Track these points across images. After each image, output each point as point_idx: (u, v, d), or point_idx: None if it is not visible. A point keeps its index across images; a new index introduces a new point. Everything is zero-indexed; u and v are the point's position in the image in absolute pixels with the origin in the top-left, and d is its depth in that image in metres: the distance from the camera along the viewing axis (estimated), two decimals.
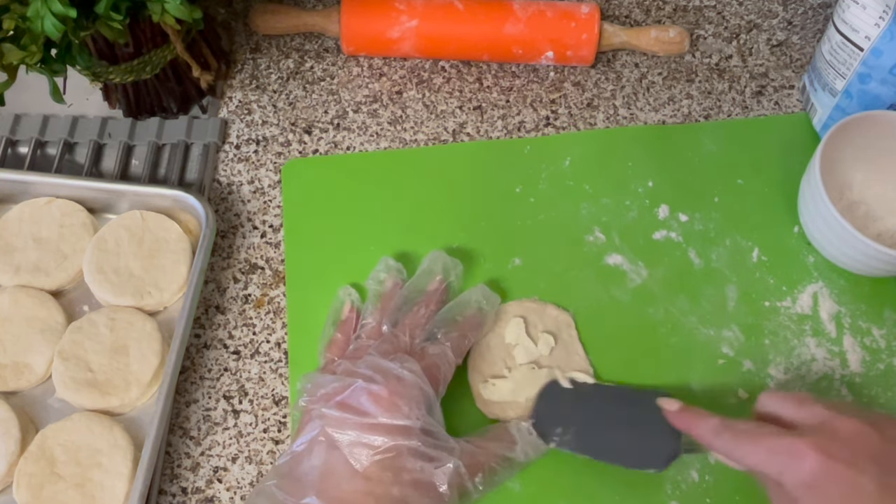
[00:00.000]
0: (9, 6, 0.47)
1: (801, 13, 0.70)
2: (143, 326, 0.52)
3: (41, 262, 0.54)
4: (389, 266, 0.53)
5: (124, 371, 0.50)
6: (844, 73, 0.57)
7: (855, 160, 0.56)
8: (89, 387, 0.50)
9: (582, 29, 0.63)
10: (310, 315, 0.54)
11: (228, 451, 0.50)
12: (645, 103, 0.65)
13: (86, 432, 0.48)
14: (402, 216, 0.58)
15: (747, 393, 0.52)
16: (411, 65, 0.66)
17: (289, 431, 0.51)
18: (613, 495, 0.49)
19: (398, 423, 0.42)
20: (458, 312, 0.51)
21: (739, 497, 0.49)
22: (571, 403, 0.49)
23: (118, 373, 0.50)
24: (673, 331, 0.54)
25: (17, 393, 0.52)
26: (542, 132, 0.63)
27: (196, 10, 0.52)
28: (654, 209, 0.59)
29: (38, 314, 0.53)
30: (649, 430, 0.47)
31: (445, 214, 0.58)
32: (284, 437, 0.51)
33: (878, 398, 0.52)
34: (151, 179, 0.60)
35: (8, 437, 0.48)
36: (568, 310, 0.54)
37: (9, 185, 0.57)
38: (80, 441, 0.48)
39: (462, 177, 0.60)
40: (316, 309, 0.53)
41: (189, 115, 0.63)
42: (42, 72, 0.52)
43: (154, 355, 0.51)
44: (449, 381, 0.48)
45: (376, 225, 0.58)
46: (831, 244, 0.54)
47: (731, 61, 0.67)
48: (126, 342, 0.51)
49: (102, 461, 0.48)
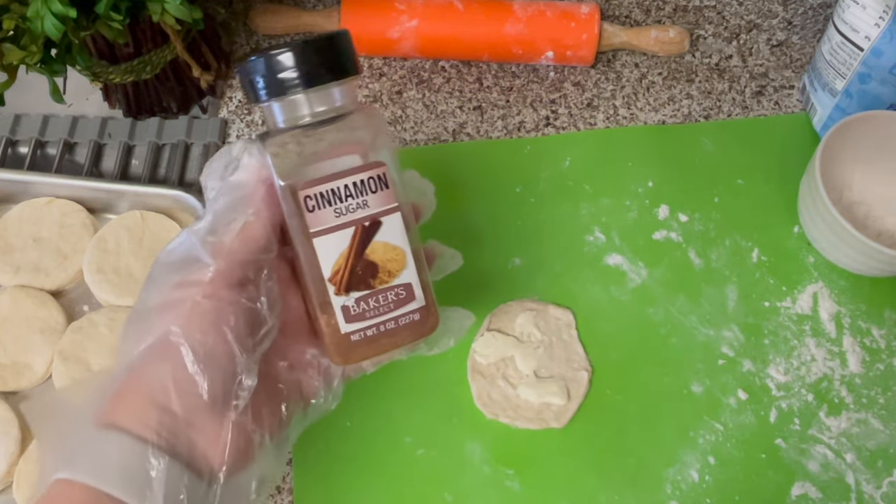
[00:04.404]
0: (9, 6, 0.47)
1: (801, 13, 0.70)
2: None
3: (41, 262, 0.54)
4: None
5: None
6: (844, 73, 0.57)
7: (855, 160, 0.56)
8: None
9: (582, 29, 0.63)
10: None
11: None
12: (645, 103, 0.65)
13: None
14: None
15: (747, 393, 0.52)
16: (411, 65, 0.66)
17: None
18: (613, 495, 0.49)
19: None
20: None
21: (739, 497, 0.49)
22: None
23: None
24: (673, 331, 0.54)
25: (17, 393, 0.52)
26: (542, 132, 0.63)
27: (196, 10, 0.52)
28: (654, 209, 0.59)
29: (38, 314, 0.53)
30: None
31: (445, 214, 0.58)
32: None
33: (877, 398, 0.52)
34: (151, 179, 0.60)
35: (8, 437, 0.48)
36: (568, 309, 0.54)
37: (9, 185, 0.57)
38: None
39: (462, 177, 0.60)
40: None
41: (189, 115, 0.63)
42: (42, 72, 0.52)
43: None
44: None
45: None
46: (831, 244, 0.54)
47: (731, 61, 0.67)
48: None
49: None
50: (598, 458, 0.50)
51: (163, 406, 0.32)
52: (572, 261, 0.57)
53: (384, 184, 0.36)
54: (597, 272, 0.56)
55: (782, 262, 0.57)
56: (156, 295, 0.34)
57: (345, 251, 0.36)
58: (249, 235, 0.34)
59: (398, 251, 0.37)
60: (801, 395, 0.52)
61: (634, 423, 0.51)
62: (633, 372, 0.53)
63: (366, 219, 0.36)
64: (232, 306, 0.34)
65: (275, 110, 0.36)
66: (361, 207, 0.36)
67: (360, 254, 0.36)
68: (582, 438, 0.51)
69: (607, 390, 0.52)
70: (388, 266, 0.37)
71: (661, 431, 0.51)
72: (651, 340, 0.54)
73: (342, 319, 0.36)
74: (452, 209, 0.59)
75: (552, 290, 0.55)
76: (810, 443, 0.51)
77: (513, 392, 0.51)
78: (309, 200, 0.35)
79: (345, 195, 0.36)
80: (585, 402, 0.52)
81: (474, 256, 0.57)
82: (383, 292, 0.37)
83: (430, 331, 0.38)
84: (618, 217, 0.58)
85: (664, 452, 0.50)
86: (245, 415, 0.34)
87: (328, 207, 0.35)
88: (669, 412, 0.51)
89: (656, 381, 0.52)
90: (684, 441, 0.50)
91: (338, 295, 0.36)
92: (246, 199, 0.35)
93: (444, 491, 0.49)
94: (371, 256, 0.36)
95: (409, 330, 0.37)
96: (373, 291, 0.36)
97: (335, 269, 0.36)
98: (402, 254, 0.37)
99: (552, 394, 0.51)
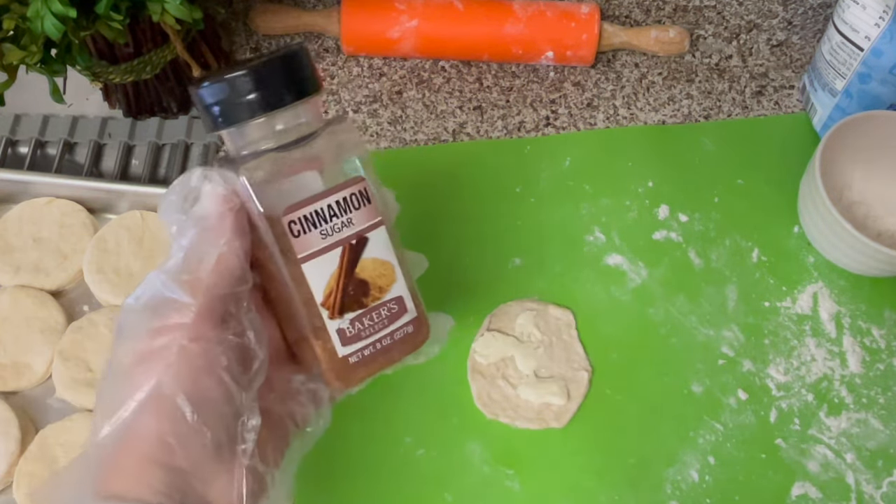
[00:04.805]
0: (9, 6, 0.47)
1: (801, 13, 0.70)
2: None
3: (41, 262, 0.54)
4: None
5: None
6: (844, 73, 0.57)
7: (855, 160, 0.56)
8: (89, 387, 0.50)
9: (582, 29, 0.63)
10: None
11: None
12: (645, 103, 0.65)
13: (86, 432, 0.48)
14: (402, 216, 0.58)
15: (747, 393, 0.52)
16: (411, 65, 0.66)
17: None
18: (613, 495, 0.49)
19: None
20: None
21: (739, 497, 0.49)
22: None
23: None
24: (673, 331, 0.54)
25: (17, 393, 0.52)
26: (542, 132, 0.63)
27: (196, 10, 0.52)
28: (654, 209, 0.59)
29: (38, 314, 0.53)
30: None
31: (445, 214, 0.58)
32: None
33: (877, 398, 0.52)
34: (151, 179, 0.60)
35: (8, 437, 0.48)
36: (568, 309, 0.54)
37: (9, 185, 0.57)
38: (80, 441, 0.48)
39: (462, 177, 0.60)
40: None
41: (189, 115, 0.63)
42: (42, 72, 0.52)
43: None
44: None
45: None
46: (831, 244, 0.54)
47: (731, 61, 0.67)
48: None
49: None
50: (598, 458, 0.50)
51: (167, 465, 0.30)
52: (572, 261, 0.57)
53: (366, 199, 0.36)
54: (597, 272, 0.56)
55: (782, 262, 0.57)
56: (133, 346, 0.31)
57: (335, 273, 0.35)
58: (225, 267, 0.32)
59: (387, 265, 0.36)
60: (801, 395, 0.52)
61: (634, 423, 0.51)
62: (633, 372, 0.53)
63: (352, 237, 0.35)
64: (221, 345, 0.31)
65: (235, 136, 0.35)
66: (347, 226, 0.35)
67: (350, 273, 0.35)
68: (582, 438, 0.51)
69: (607, 390, 0.52)
70: (379, 282, 0.36)
71: (661, 431, 0.51)
72: (651, 340, 0.54)
73: (338, 343, 0.35)
74: (452, 209, 0.59)
75: (552, 290, 0.55)
76: (810, 443, 0.51)
77: (513, 392, 0.51)
78: (294, 225, 0.34)
79: (329, 215, 0.35)
80: (585, 402, 0.52)
81: (474, 256, 0.57)
82: (376, 309, 0.36)
83: (424, 340, 0.38)
84: (618, 217, 0.58)
85: (664, 452, 0.50)
86: (254, 457, 0.32)
87: (314, 230, 0.34)
88: (669, 412, 0.51)
89: (656, 381, 0.52)
90: (684, 441, 0.50)
91: (332, 318, 0.35)
92: (215, 229, 0.33)
93: (444, 491, 0.49)
94: (361, 274, 0.35)
95: (403, 343, 0.37)
96: (366, 310, 0.35)
97: (327, 292, 0.35)
98: (391, 267, 0.36)
99: (552, 394, 0.51)
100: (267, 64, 0.34)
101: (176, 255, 0.33)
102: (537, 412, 0.51)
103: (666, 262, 0.57)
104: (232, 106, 0.34)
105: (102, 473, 0.30)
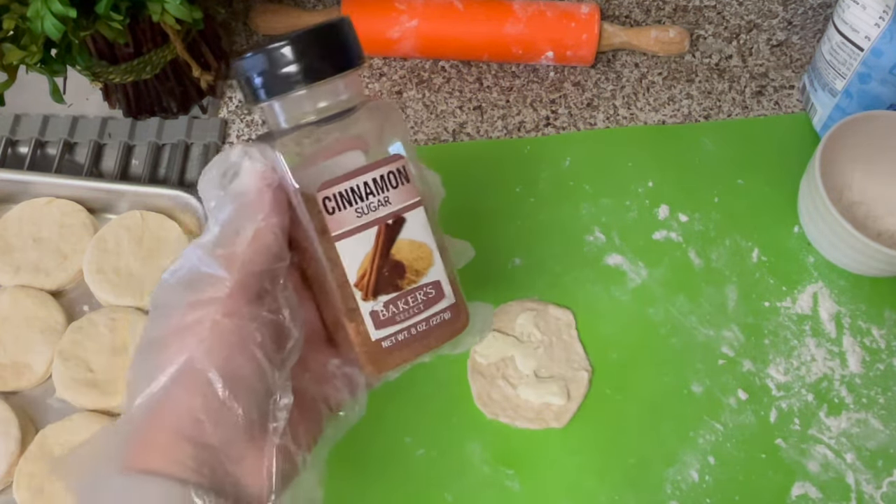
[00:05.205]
0: (9, 6, 0.47)
1: (801, 13, 0.70)
2: (143, 326, 0.52)
3: (41, 262, 0.54)
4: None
5: (124, 371, 0.50)
6: (844, 73, 0.57)
7: (855, 160, 0.56)
8: (89, 387, 0.50)
9: (582, 29, 0.63)
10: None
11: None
12: (645, 103, 0.65)
13: (86, 432, 0.48)
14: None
15: (747, 393, 0.52)
16: (411, 65, 0.66)
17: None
18: (613, 495, 0.49)
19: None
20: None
21: (739, 497, 0.49)
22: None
23: (118, 373, 0.50)
24: (673, 331, 0.54)
25: (17, 393, 0.52)
26: (542, 132, 0.63)
27: (196, 10, 0.52)
28: (654, 209, 0.59)
29: (38, 314, 0.53)
30: None
31: (445, 214, 0.58)
32: None
33: (877, 398, 0.52)
34: (151, 179, 0.60)
35: (8, 437, 0.48)
36: (568, 309, 0.54)
37: (9, 185, 0.57)
38: (80, 441, 0.48)
39: (462, 177, 0.60)
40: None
41: (189, 115, 0.63)
42: (42, 72, 0.52)
43: None
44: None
45: None
46: (831, 244, 0.54)
47: (731, 61, 0.67)
48: (126, 342, 0.51)
49: None
50: (598, 458, 0.50)
51: (197, 440, 0.29)
52: (572, 261, 0.57)
53: (405, 178, 0.34)
54: (597, 272, 0.56)
55: (782, 262, 0.57)
56: (166, 321, 0.31)
57: (369, 253, 0.33)
58: (262, 243, 0.32)
59: (424, 248, 0.35)
60: (801, 395, 0.52)
61: (634, 423, 0.51)
62: (633, 372, 0.53)
63: (389, 216, 0.34)
64: (255, 322, 0.31)
65: (276, 109, 0.34)
66: (383, 205, 0.34)
67: (385, 254, 0.34)
68: (582, 438, 0.51)
69: (607, 390, 0.52)
70: (415, 265, 0.35)
71: (661, 431, 0.51)
72: (651, 340, 0.54)
73: (371, 326, 0.34)
74: (452, 209, 0.58)
75: (552, 290, 0.55)
76: (810, 443, 0.51)
77: (513, 392, 0.51)
78: (328, 202, 0.33)
79: (365, 193, 0.33)
80: (585, 402, 0.52)
81: (474, 256, 0.57)
82: (412, 293, 0.34)
83: (462, 328, 0.36)
84: (618, 217, 0.58)
85: (664, 452, 0.50)
86: (286, 436, 0.31)
87: (349, 208, 0.33)
88: (669, 412, 0.51)
89: (656, 381, 0.52)
90: (684, 441, 0.51)
91: (365, 300, 0.34)
92: (253, 205, 0.32)
93: (444, 491, 0.49)
94: (397, 256, 0.34)
95: (441, 330, 0.35)
96: (401, 293, 0.34)
97: (360, 272, 0.33)
98: (429, 251, 0.35)
99: (552, 394, 0.51)
100: (310, 35, 0.33)
101: (212, 230, 0.32)
102: (537, 412, 0.51)
103: (666, 262, 0.57)
104: (273, 77, 0.33)
105: (130, 447, 0.29)
